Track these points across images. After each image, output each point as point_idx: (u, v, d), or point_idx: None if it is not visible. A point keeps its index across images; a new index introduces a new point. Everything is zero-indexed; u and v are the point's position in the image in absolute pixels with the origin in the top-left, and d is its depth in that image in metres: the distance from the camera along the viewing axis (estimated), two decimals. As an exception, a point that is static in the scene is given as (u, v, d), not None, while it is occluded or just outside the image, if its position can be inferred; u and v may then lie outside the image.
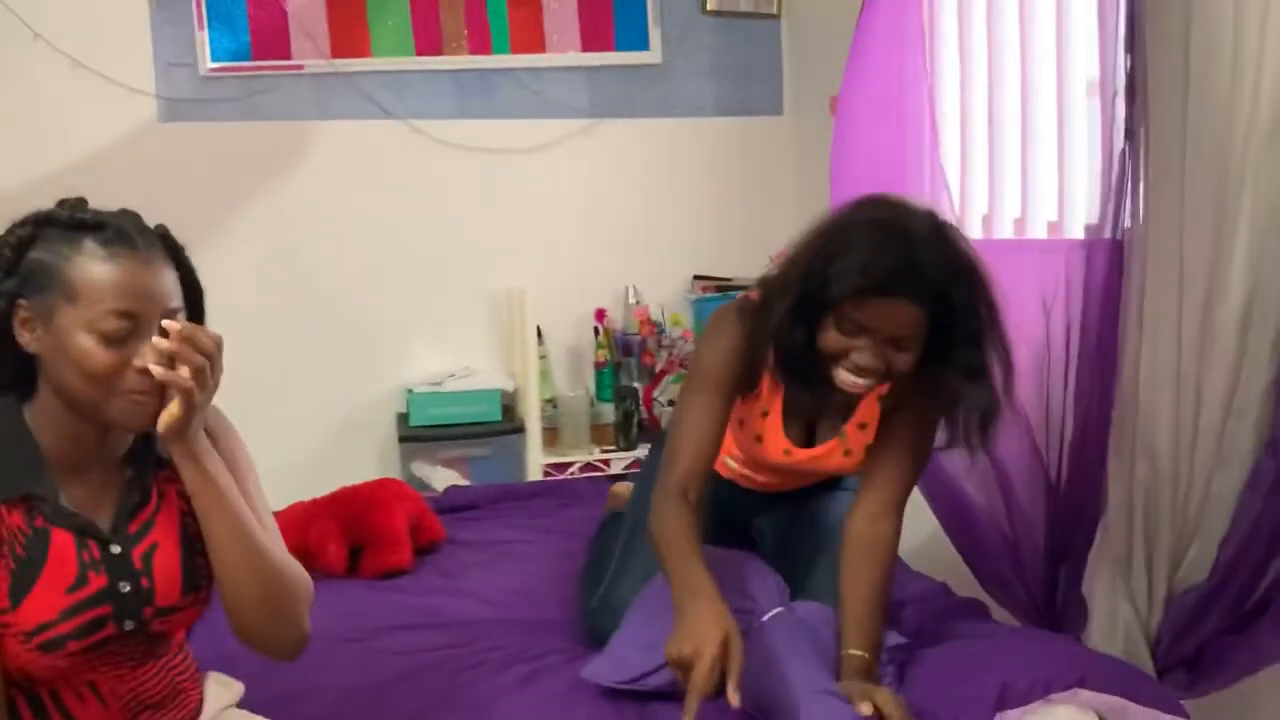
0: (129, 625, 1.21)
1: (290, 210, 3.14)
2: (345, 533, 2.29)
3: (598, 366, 3.30)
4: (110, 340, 1.14)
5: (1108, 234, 1.74)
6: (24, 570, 1.15)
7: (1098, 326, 1.78)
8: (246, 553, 1.23)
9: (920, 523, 2.65)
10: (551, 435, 3.22)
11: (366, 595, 2.13)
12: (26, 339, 1.17)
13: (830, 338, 1.59)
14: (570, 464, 3.12)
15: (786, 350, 1.62)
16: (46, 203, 1.26)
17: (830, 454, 1.81)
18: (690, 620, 1.45)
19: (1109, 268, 1.75)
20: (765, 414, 1.81)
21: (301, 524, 2.27)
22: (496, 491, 2.85)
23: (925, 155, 2.21)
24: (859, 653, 1.61)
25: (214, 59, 3.04)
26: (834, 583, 1.70)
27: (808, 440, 1.83)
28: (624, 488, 2.30)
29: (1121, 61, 1.69)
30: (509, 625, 1.95)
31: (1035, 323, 1.91)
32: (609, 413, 3.25)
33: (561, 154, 3.31)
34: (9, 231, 1.19)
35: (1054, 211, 2.09)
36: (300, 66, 3.09)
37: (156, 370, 1.13)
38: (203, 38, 3.02)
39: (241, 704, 1.44)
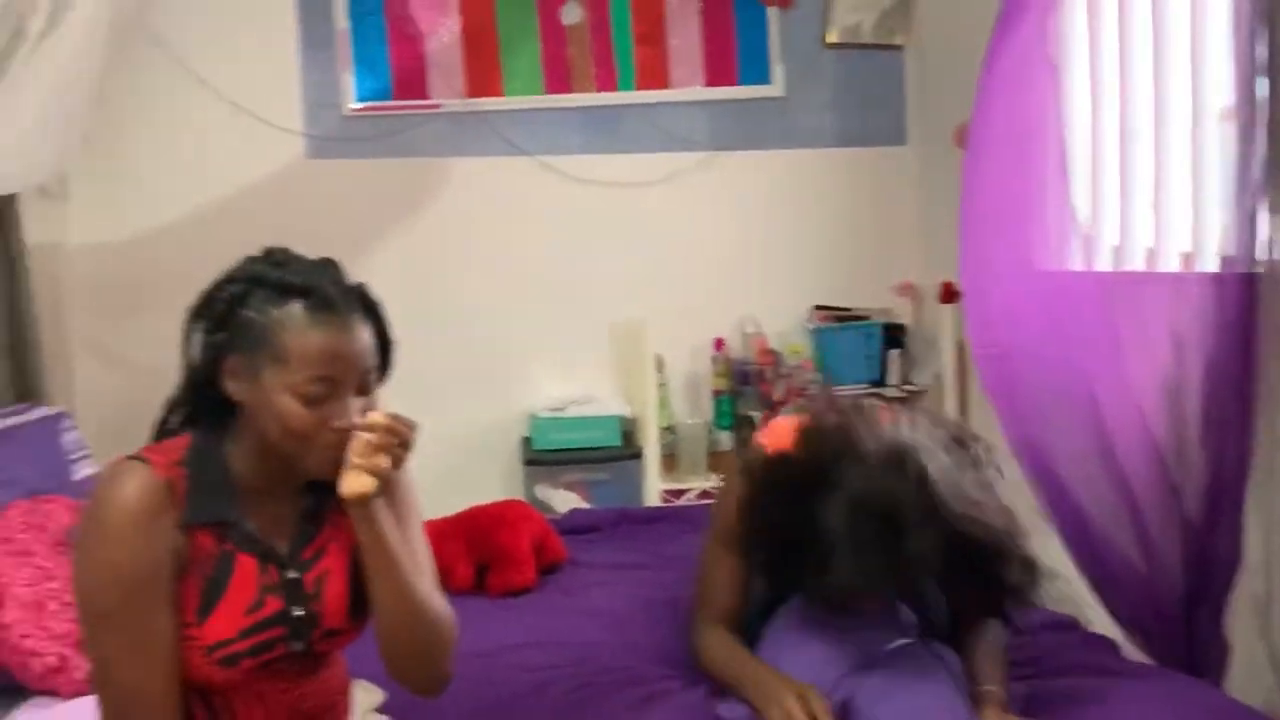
0: (297, 646, 1.28)
1: (425, 242, 3.29)
2: (472, 552, 2.37)
3: (716, 395, 3.34)
4: (310, 402, 1.20)
5: (1242, 267, 1.70)
6: (211, 590, 1.23)
7: (1232, 362, 1.74)
8: (408, 611, 1.29)
9: (1047, 558, 2.60)
10: (670, 462, 3.27)
11: (492, 612, 2.19)
12: (232, 388, 1.23)
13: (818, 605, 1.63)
14: (687, 490, 3.16)
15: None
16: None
17: None
18: (767, 691, 1.56)
19: (1243, 301, 1.71)
20: None
21: (432, 542, 2.35)
22: (616, 515, 2.89)
23: (1053, 187, 2.18)
24: (993, 688, 1.59)
25: (358, 99, 3.22)
26: None
27: None
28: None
29: (1258, 88, 1.66)
30: (628, 648, 1.98)
31: (1167, 358, 1.87)
32: (726, 440, 3.28)
33: (684, 186, 3.37)
34: (221, 286, 1.25)
35: (1188, 243, 2.04)
36: (437, 106, 3.25)
37: (359, 462, 1.21)
38: (347, 79, 3.21)
39: (381, 710, 1.53)
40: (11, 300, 2.61)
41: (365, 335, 1.26)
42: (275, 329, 1.21)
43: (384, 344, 1.32)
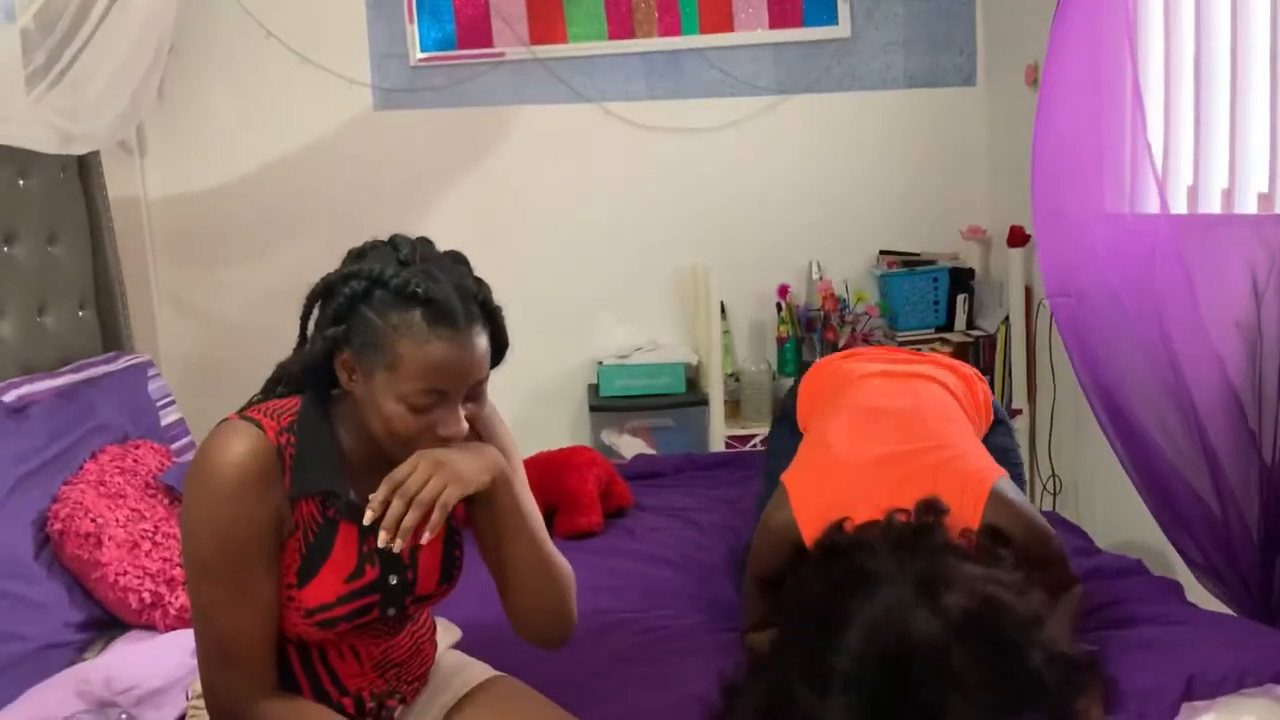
0: (391, 612, 1.34)
1: (490, 191, 3.32)
2: (540, 495, 2.40)
3: (780, 342, 3.34)
4: (418, 410, 1.22)
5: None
6: (313, 555, 1.27)
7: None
8: (542, 569, 1.35)
9: (1119, 501, 2.59)
10: (734, 408, 3.29)
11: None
12: (344, 379, 1.26)
13: None
14: (752, 436, 3.19)
15: None
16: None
17: None
18: None
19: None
20: None
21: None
22: (681, 461, 2.94)
23: (1127, 127, 2.13)
24: None
25: (423, 49, 3.24)
26: None
27: None
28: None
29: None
30: (692, 594, 2.03)
31: (1245, 303, 1.82)
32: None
33: (748, 131, 3.35)
34: (345, 279, 1.24)
35: (1264, 183, 1.98)
36: (501, 54, 3.26)
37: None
38: (412, 30, 3.23)
39: (456, 646, 1.59)
40: (96, 254, 2.70)
41: (482, 345, 1.25)
42: (392, 336, 1.20)
43: (498, 348, 1.31)
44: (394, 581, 1.32)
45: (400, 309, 1.20)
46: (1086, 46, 2.16)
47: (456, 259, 1.31)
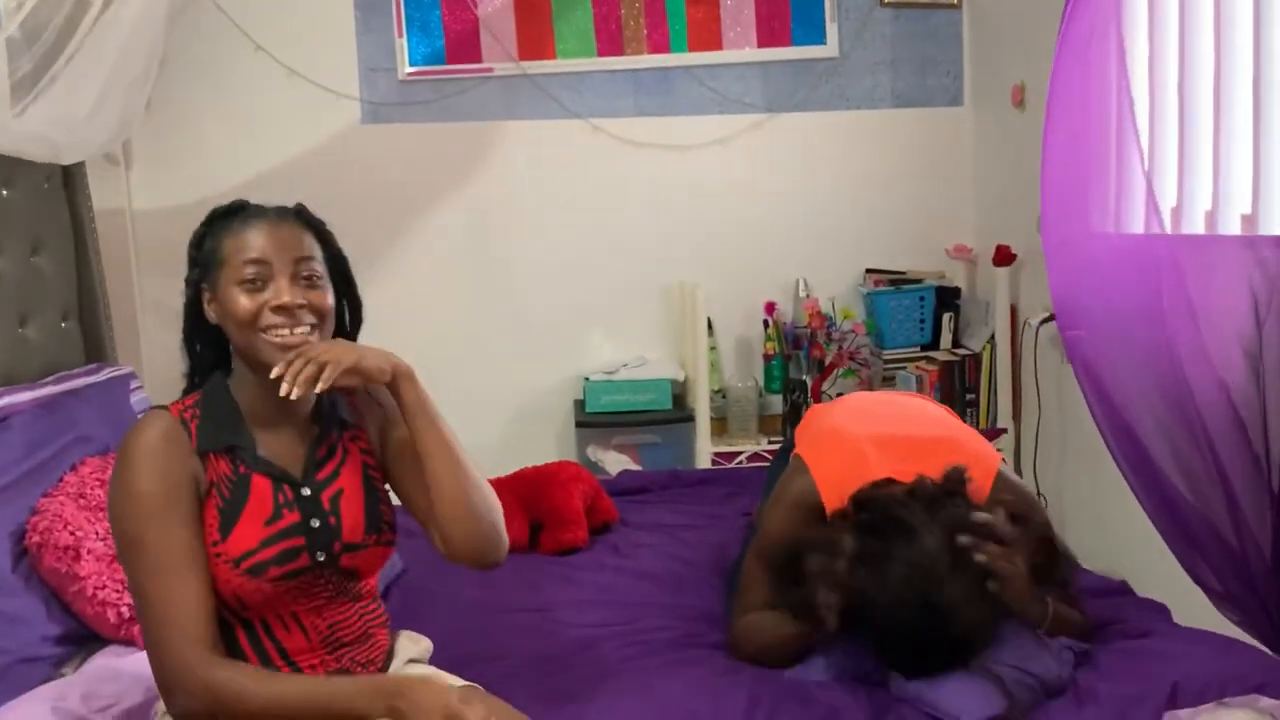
0: (320, 557, 1.38)
1: (478, 206, 3.32)
2: (526, 510, 2.43)
3: (766, 358, 3.34)
4: (249, 286, 1.34)
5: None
6: (230, 508, 1.35)
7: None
8: (463, 475, 1.42)
9: (1105, 521, 2.59)
10: (720, 425, 3.29)
11: (545, 569, 2.25)
12: (210, 313, 1.40)
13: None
14: (738, 453, 3.19)
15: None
16: (270, 200, 1.47)
17: None
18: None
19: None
20: None
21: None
22: (667, 477, 2.93)
23: (1113, 149, 2.14)
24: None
25: (411, 63, 3.25)
26: None
27: None
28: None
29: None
30: (678, 609, 2.02)
31: (1247, 326, 1.82)
32: (777, 404, 3.29)
33: (736, 149, 3.36)
34: (192, 235, 1.44)
35: (1247, 205, 2.00)
36: (490, 69, 3.26)
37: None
38: (401, 44, 3.23)
39: (429, 661, 1.58)
40: (80, 265, 2.68)
41: (298, 232, 1.40)
42: (220, 241, 1.38)
43: (336, 260, 1.45)
44: (316, 524, 1.38)
45: (224, 223, 1.40)
46: (1082, 71, 2.17)
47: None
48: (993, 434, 3.07)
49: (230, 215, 1.42)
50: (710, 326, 3.26)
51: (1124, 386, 2.14)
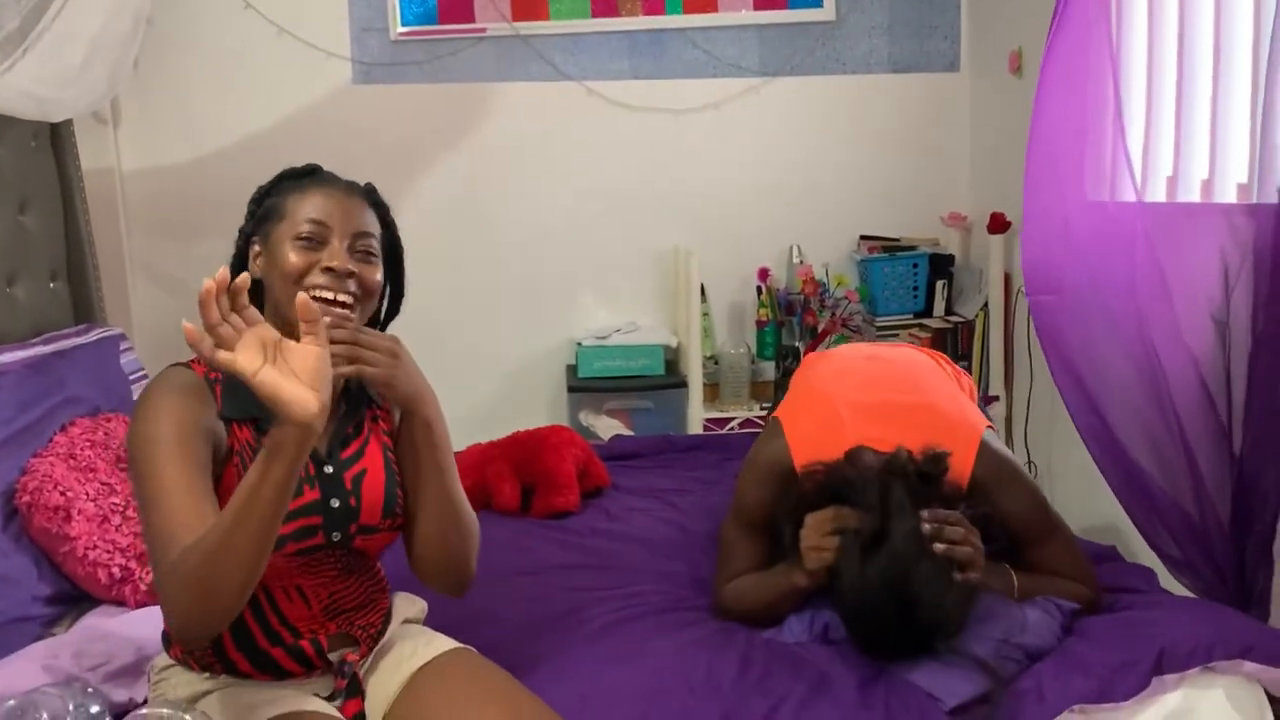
0: (336, 537, 1.37)
1: (470, 169, 3.29)
2: (518, 474, 2.43)
3: (759, 325, 3.34)
4: (304, 244, 1.34)
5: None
6: None
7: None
8: (452, 511, 1.42)
9: (1096, 488, 2.60)
10: (712, 391, 3.29)
11: (537, 533, 2.25)
12: (255, 267, 1.38)
13: None
14: (730, 419, 3.19)
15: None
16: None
17: None
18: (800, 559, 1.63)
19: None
20: None
21: (479, 464, 2.42)
22: (659, 442, 2.93)
23: (1106, 119, 2.13)
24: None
25: (404, 23, 3.21)
26: None
27: None
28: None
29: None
30: (668, 573, 2.03)
31: (1217, 294, 1.83)
32: (769, 370, 3.30)
33: (731, 113, 3.34)
34: (255, 192, 1.44)
35: (1244, 173, 1.99)
36: (483, 30, 3.22)
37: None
38: (393, 3, 3.19)
39: (423, 622, 1.59)
40: (68, 225, 2.66)
41: (364, 208, 1.40)
42: (284, 199, 1.39)
43: (392, 247, 1.45)
44: (336, 505, 1.36)
45: (293, 183, 1.41)
46: (1075, 38, 2.16)
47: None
48: (985, 401, 3.08)
49: (301, 176, 1.43)
50: (703, 292, 3.26)
51: (1090, 355, 2.15)
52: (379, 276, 1.40)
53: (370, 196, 1.44)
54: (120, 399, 2.41)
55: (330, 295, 1.33)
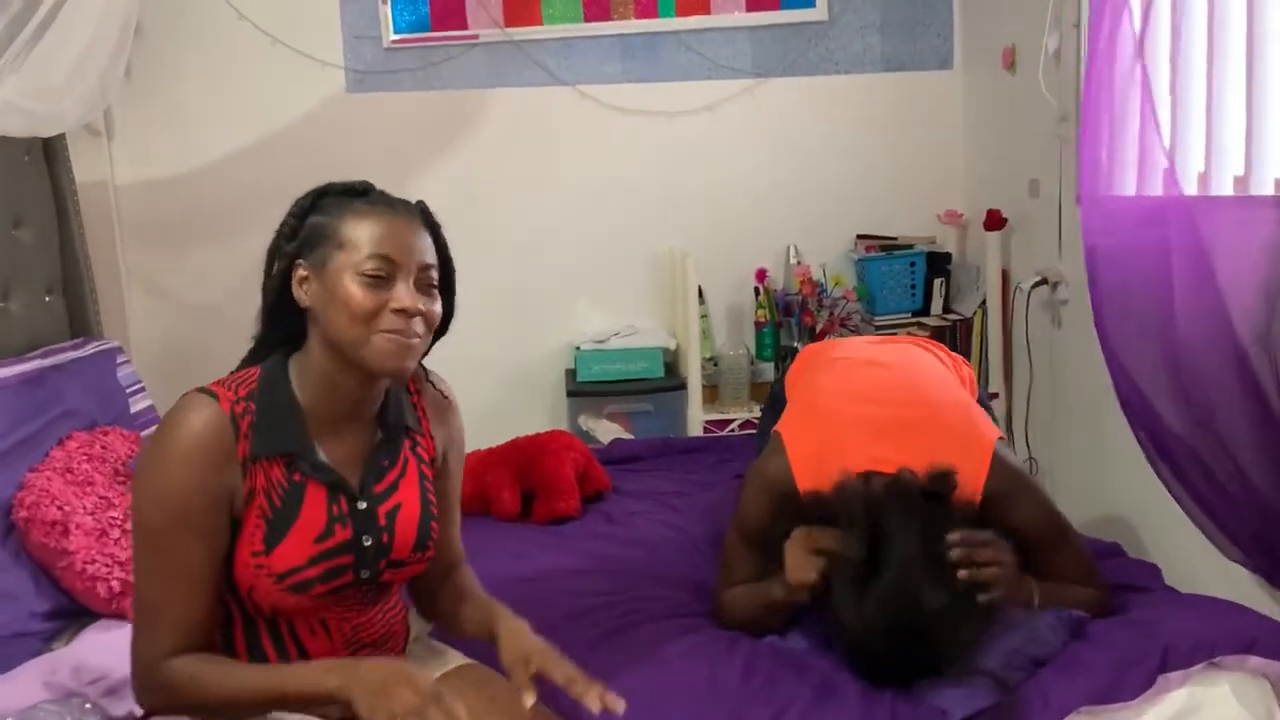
0: (365, 574, 1.33)
1: (465, 175, 3.28)
2: (518, 480, 2.42)
3: (758, 326, 3.33)
4: (371, 281, 1.26)
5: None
6: (279, 520, 1.26)
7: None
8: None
9: (1097, 485, 2.60)
10: (712, 392, 3.28)
11: (538, 539, 2.25)
12: (301, 294, 1.30)
13: None
14: (730, 421, 3.18)
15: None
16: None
17: None
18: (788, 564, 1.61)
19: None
20: None
21: (479, 471, 2.41)
22: (659, 445, 2.93)
23: (1140, 113, 2.09)
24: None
25: (396, 31, 3.20)
26: None
27: None
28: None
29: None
30: (669, 577, 2.02)
31: (1271, 279, 1.79)
32: (769, 371, 3.29)
33: (725, 115, 3.33)
34: (294, 204, 1.34)
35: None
36: (475, 36, 3.22)
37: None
38: (386, 11, 3.18)
39: (431, 635, 1.58)
40: (63, 238, 2.65)
41: (422, 233, 1.33)
42: (339, 222, 1.29)
43: (445, 264, 1.38)
44: (368, 543, 1.32)
45: (343, 203, 1.31)
46: (1116, 27, 2.12)
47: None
48: (988, 397, 3.07)
49: (352, 195, 1.33)
50: (701, 294, 3.25)
51: (1138, 354, 2.09)
52: (439, 309, 1.35)
53: (426, 219, 1.37)
54: (117, 412, 2.41)
55: (401, 337, 1.28)
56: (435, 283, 1.33)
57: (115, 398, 2.45)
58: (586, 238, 3.34)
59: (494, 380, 3.33)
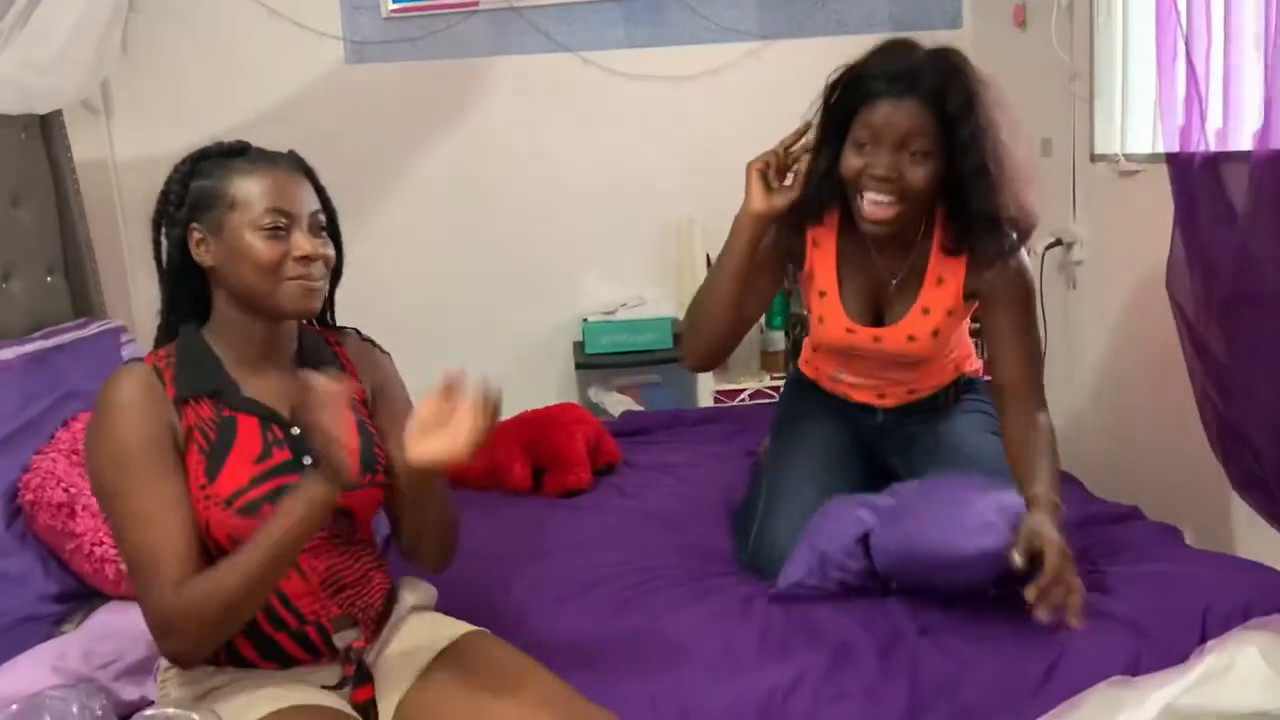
0: None
1: (468, 145, 3.24)
2: (528, 454, 2.40)
3: (768, 294, 3.29)
4: (270, 234, 1.33)
5: None
6: (216, 450, 1.33)
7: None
8: (443, 521, 1.48)
9: (1112, 453, 2.57)
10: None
11: (548, 513, 2.23)
12: (202, 254, 1.37)
13: (849, 160, 1.76)
14: (740, 390, 3.15)
15: (812, 174, 1.82)
16: (255, 144, 1.41)
17: (895, 334, 1.86)
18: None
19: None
20: (823, 294, 1.90)
21: (488, 445, 2.38)
22: (669, 417, 2.90)
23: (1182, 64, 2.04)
24: (1042, 491, 1.58)
25: (395, 0, 3.15)
26: None
27: (875, 324, 1.90)
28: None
29: None
30: (681, 548, 2.00)
31: None
32: (779, 340, 3.25)
33: (731, 79, 3.27)
34: (173, 171, 1.41)
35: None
36: (476, 3, 3.16)
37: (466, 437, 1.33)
38: (384, -22, 3.13)
39: (434, 609, 1.56)
40: (63, 217, 2.63)
41: (304, 181, 1.40)
42: (225, 182, 1.36)
43: (328, 208, 1.43)
44: (308, 462, 1.35)
45: (224, 164, 1.38)
46: None
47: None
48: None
49: (232, 155, 1.39)
50: (709, 263, 3.20)
51: (1204, 311, 2.02)
52: (332, 250, 1.42)
53: (303, 166, 1.43)
54: (123, 392, 2.39)
55: (307, 282, 1.35)
56: (323, 226, 1.40)
57: (120, 377, 2.43)
58: (592, 206, 3.30)
59: (502, 353, 3.30)
